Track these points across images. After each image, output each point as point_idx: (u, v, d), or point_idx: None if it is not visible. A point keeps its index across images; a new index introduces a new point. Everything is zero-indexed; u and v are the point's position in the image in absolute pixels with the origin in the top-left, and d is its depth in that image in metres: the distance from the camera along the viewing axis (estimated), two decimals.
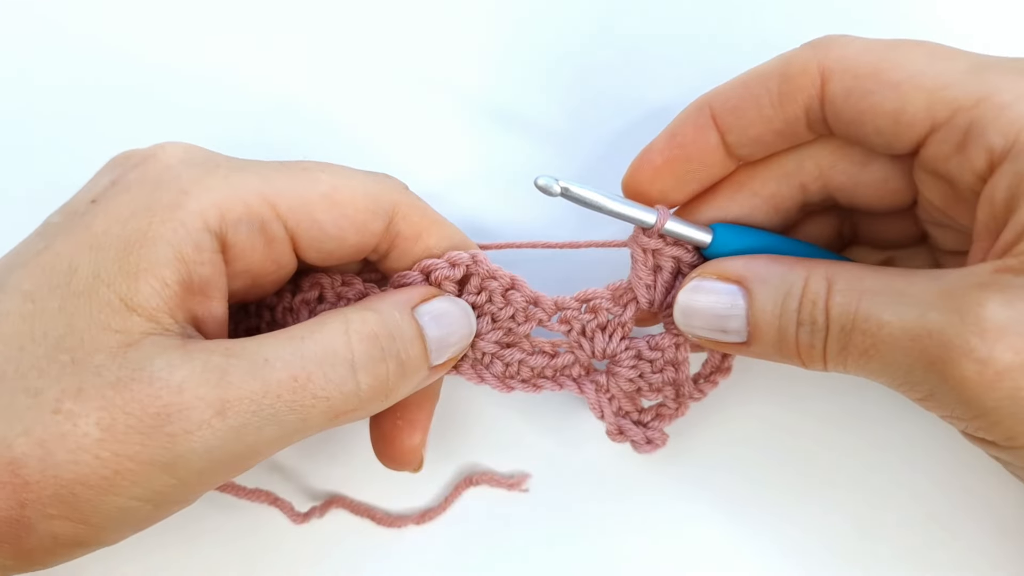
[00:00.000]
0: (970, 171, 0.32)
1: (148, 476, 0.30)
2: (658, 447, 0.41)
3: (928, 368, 0.30)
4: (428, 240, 0.38)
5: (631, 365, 0.39)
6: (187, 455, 0.30)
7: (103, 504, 0.30)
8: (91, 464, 0.29)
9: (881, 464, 0.44)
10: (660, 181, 0.37)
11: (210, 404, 0.30)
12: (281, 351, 0.32)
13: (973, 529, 0.43)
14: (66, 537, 0.31)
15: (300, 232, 0.35)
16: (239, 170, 0.34)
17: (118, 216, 0.32)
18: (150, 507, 0.31)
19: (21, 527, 0.30)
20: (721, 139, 0.36)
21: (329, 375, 0.32)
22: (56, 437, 0.29)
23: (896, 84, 0.32)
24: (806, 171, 0.37)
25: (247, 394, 0.31)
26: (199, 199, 0.33)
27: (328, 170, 0.36)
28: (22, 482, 0.29)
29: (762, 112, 0.35)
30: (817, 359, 0.34)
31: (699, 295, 0.36)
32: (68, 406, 0.29)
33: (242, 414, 0.31)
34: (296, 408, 0.32)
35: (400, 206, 0.37)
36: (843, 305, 0.32)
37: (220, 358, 0.31)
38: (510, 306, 0.39)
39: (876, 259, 0.40)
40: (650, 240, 0.37)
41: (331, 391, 0.32)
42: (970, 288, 0.30)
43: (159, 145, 0.35)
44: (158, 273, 0.31)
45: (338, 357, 0.33)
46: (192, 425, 0.30)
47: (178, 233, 0.32)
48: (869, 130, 0.34)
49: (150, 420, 0.30)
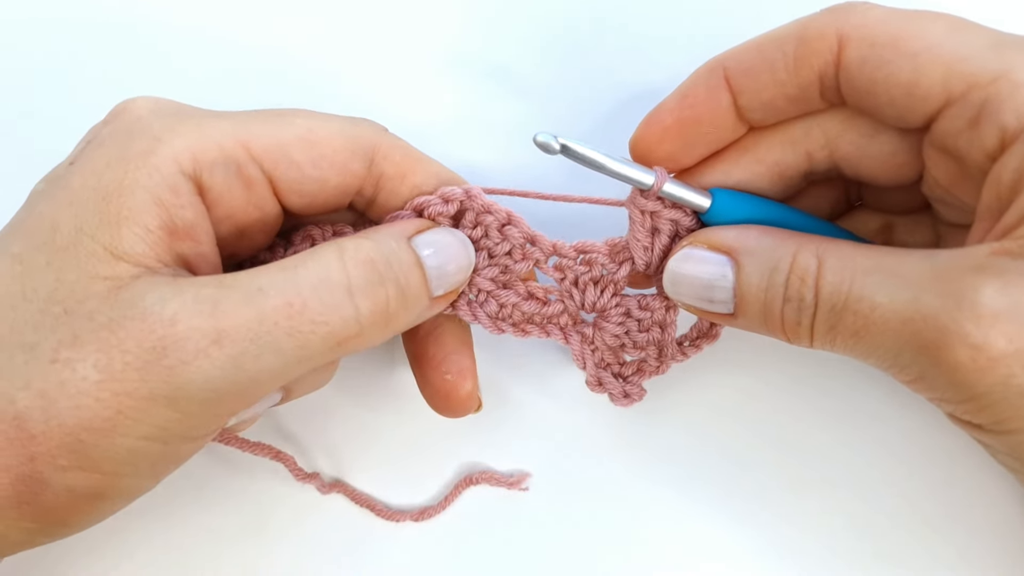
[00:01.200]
0: (980, 149, 0.32)
1: (150, 412, 0.30)
2: (634, 401, 0.41)
3: (920, 351, 0.30)
4: (414, 178, 0.37)
5: (619, 322, 0.40)
6: (186, 386, 0.30)
7: (111, 447, 0.30)
8: (92, 407, 0.30)
9: (876, 458, 0.44)
10: (668, 142, 0.37)
11: (205, 334, 0.30)
12: (275, 279, 0.32)
13: (965, 523, 0.43)
14: (83, 489, 0.31)
15: (278, 174, 0.35)
16: (212, 117, 0.34)
17: (93, 169, 0.32)
18: (158, 445, 0.31)
19: (35, 483, 0.30)
20: (733, 102, 0.36)
21: (326, 300, 0.32)
22: (56, 385, 0.29)
23: (913, 55, 0.31)
24: (813, 139, 0.37)
25: (242, 322, 0.31)
26: (171, 144, 0.32)
27: (303, 114, 0.36)
28: (28, 435, 0.29)
29: (776, 76, 0.34)
30: (803, 336, 0.34)
31: (688, 263, 0.36)
32: (65, 354, 0.30)
33: (239, 342, 0.30)
34: (294, 334, 0.31)
35: (381, 147, 0.37)
36: (834, 284, 0.32)
37: (212, 290, 0.31)
38: (507, 241, 0.38)
39: (876, 223, 0.40)
40: (648, 202, 0.37)
41: (329, 316, 0.32)
42: (966, 271, 0.29)
43: (129, 100, 0.35)
44: (139, 219, 0.31)
45: (334, 282, 0.32)
46: (188, 355, 0.30)
47: (153, 178, 0.32)
48: (882, 101, 0.33)
49: (146, 355, 0.30)
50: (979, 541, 0.43)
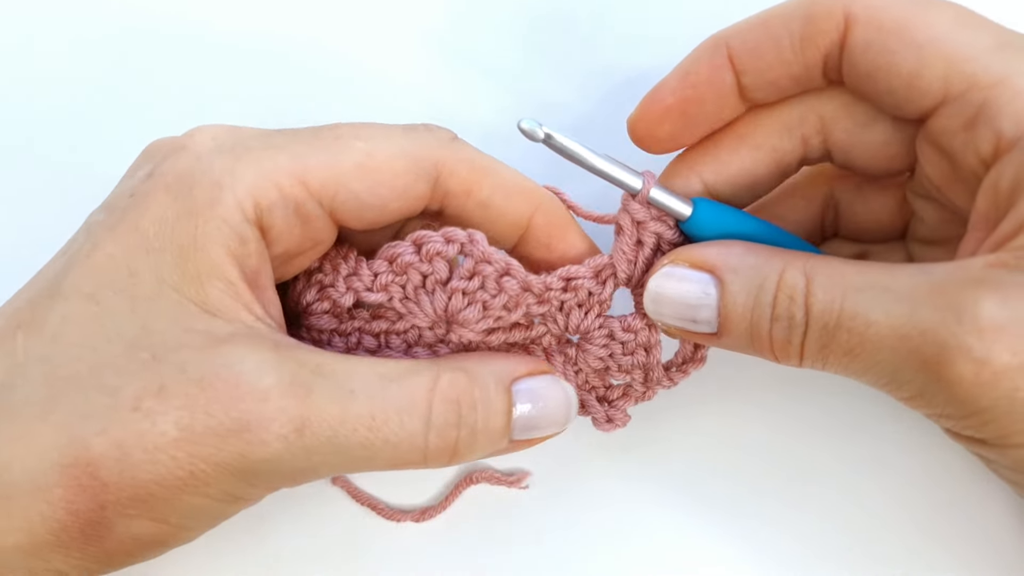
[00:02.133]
0: (974, 153, 0.31)
1: (220, 479, 0.30)
2: (618, 427, 0.40)
3: (919, 367, 0.29)
4: (480, 194, 0.36)
5: (602, 344, 0.38)
6: (258, 465, 0.30)
7: (180, 504, 0.30)
8: (167, 464, 0.29)
9: (871, 469, 0.44)
10: (670, 122, 0.36)
11: (291, 419, 0.30)
12: (368, 387, 0.32)
13: (966, 539, 0.43)
14: (146, 537, 0.31)
15: (337, 205, 0.34)
16: (268, 148, 0.33)
17: (162, 216, 0.32)
18: (223, 505, 0.32)
19: (102, 528, 0.30)
20: (736, 80, 0.35)
21: (405, 425, 0.32)
22: (134, 436, 0.29)
23: (918, 46, 0.31)
24: (809, 124, 0.36)
25: (327, 418, 0.31)
26: (233, 190, 0.32)
27: (363, 134, 0.34)
28: (101, 484, 0.29)
29: (782, 55, 0.34)
30: (793, 355, 0.33)
31: (669, 282, 0.35)
32: (148, 404, 0.29)
33: (318, 436, 0.31)
34: (366, 445, 0.32)
35: (446, 162, 0.35)
36: (825, 302, 0.31)
37: (309, 375, 0.31)
38: (504, 294, 0.36)
39: (850, 251, 0.40)
40: (639, 209, 0.36)
41: (401, 441, 0.32)
42: (964, 284, 0.29)
43: (188, 133, 0.34)
44: (219, 274, 0.31)
45: (417, 411, 0.33)
46: (270, 437, 0.30)
47: (223, 231, 0.32)
48: (882, 87, 0.33)
49: (230, 424, 0.30)
50: (980, 555, 0.42)
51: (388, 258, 0.36)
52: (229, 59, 0.47)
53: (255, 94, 0.46)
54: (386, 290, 0.36)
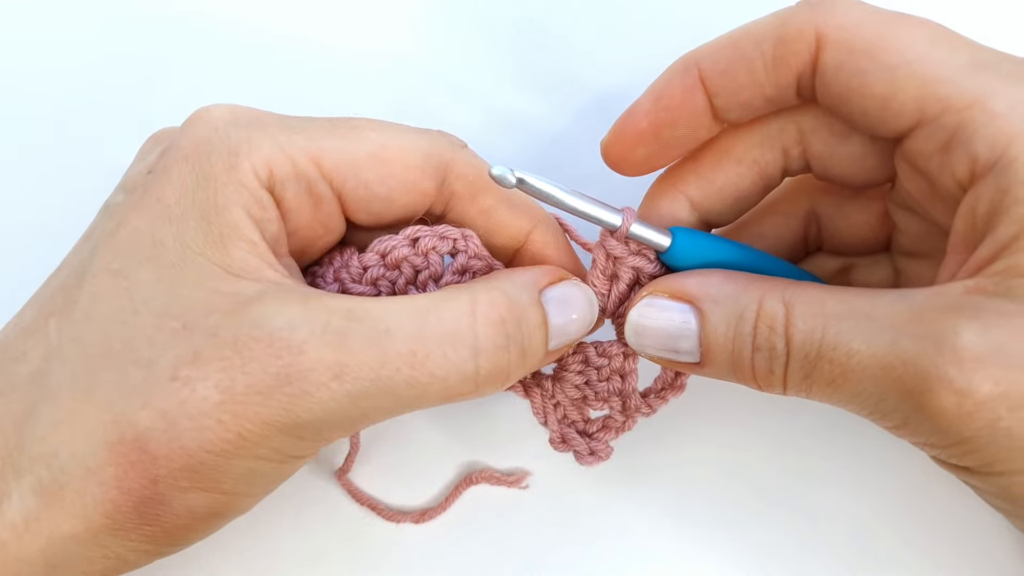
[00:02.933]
0: (950, 175, 0.31)
1: (268, 437, 0.30)
2: (602, 460, 0.39)
3: (902, 398, 0.29)
4: (484, 201, 0.36)
5: (578, 371, 0.38)
6: (304, 415, 0.30)
7: (231, 468, 0.30)
8: (214, 429, 0.29)
9: (872, 476, 0.44)
10: (644, 146, 0.36)
11: (329, 367, 0.29)
12: (404, 323, 0.31)
13: (965, 560, 0.43)
14: (202, 509, 0.31)
15: (347, 191, 0.34)
16: (286, 128, 0.33)
17: (182, 185, 0.32)
18: (274, 465, 0.31)
19: (158, 504, 0.29)
20: (708, 102, 0.34)
21: (449, 355, 0.31)
22: (176, 405, 0.29)
23: (891, 68, 0.30)
24: (788, 135, 0.36)
25: (366, 361, 0.30)
26: (250, 157, 0.32)
27: (378, 128, 0.35)
28: (150, 458, 0.29)
29: (754, 76, 0.33)
30: (776, 385, 0.32)
31: (650, 313, 0.34)
32: (185, 372, 0.29)
33: (360, 381, 0.30)
34: (413, 383, 0.31)
35: (455, 164, 0.35)
36: (805, 332, 0.31)
37: (341, 321, 0.30)
38: None
39: (835, 265, 0.39)
40: (616, 245, 0.36)
41: (449, 372, 0.31)
42: (943, 312, 0.29)
43: (204, 108, 0.34)
44: (243, 236, 0.31)
45: (461, 339, 0.31)
46: (311, 387, 0.29)
47: (242, 195, 0.32)
48: (855, 109, 0.32)
49: (270, 380, 0.29)
50: (984, 561, 0.43)
51: (380, 252, 0.36)
52: (226, 56, 0.47)
53: (253, 92, 0.47)
54: (374, 284, 0.36)
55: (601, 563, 0.44)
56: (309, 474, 0.45)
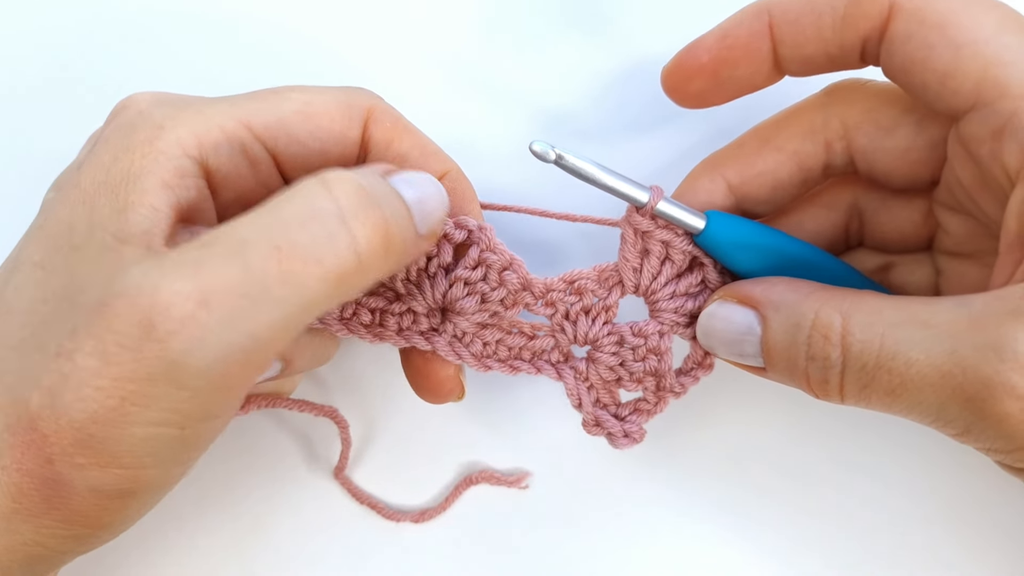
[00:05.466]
0: (1000, 165, 0.30)
1: (155, 394, 0.28)
2: (636, 442, 0.39)
3: (963, 405, 0.29)
4: (400, 146, 0.36)
5: (612, 352, 0.38)
6: (183, 357, 0.27)
7: (125, 439, 0.28)
8: (96, 397, 0.28)
9: (878, 472, 0.44)
10: (701, 80, 0.36)
11: (189, 296, 0.27)
12: (256, 224, 0.29)
13: (970, 536, 0.43)
14: (108, 487, 0.29)
15: (280, 149, 0.34)
16: (210, 102, 0.34)
17: (100, 164, 0.31)
18: (175, 430, 0.29)
19: (59, 486, 0.29)
20: (773, 49, 0.34)
21: (316, 233, 0.29)
22: (60, 379, 0.28)
23: (957, 45, 0.30)
24: (832, 129, 0.36)
25: (229, 277, 0.28)
26: (174, 131, 0.32)
27: (297, 88, 0.35)
28: (42, 436, 0.28)
29: (822, 32, 0.33)
30: (832, 394, 0.32)
31: (716, 317, 0.36)
32: (67, 346, 0.28)
33: (229, 299, 0.27)
34: (288, 280, 0.28)
35: (374, 111, 0.36)
36: (864, 342, 0.30)
37: (193, 251, 0.28)
38: (503, 287, 0.37)
39: (875, 262, 0.39)
40: (642, 220, 0.36)
41: (322, 251, 0.29)
42: (1003, 317, 0.28)
43: (128, 97, 0.34)
44: (146, 201, 0.30)
45: (323, 212, 0.29)
46: (176, 323, 0.27)
47: (159, 162, 0.31)
48: (916, 81, 0.32)
49: (136, 332, 0.27)
50: (985, 550, 0.43)
51: None
52: (222, 53, 0.46)
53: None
54: None
55: (601, 563, 0.44)
56: (309, 473, 0.45)
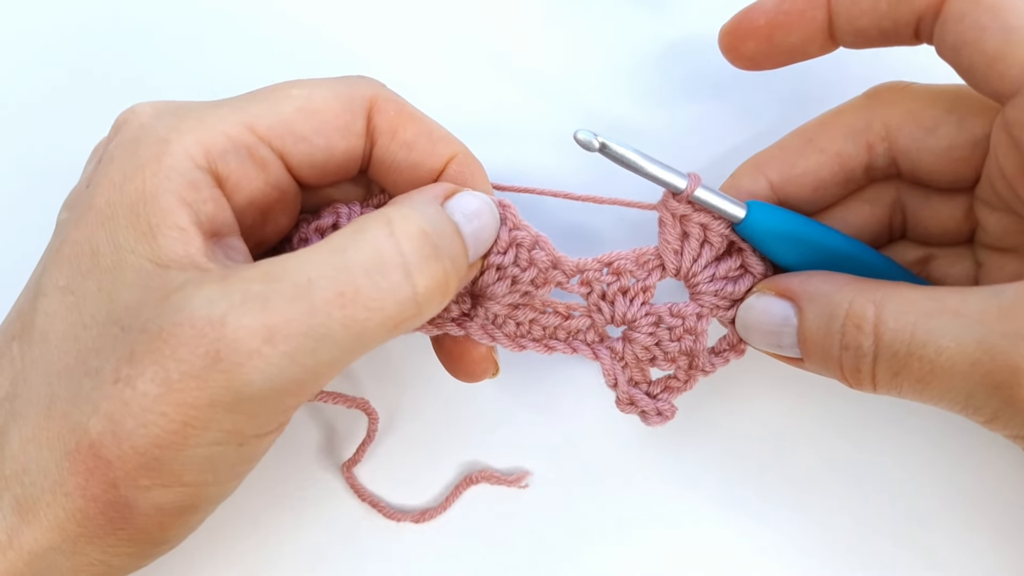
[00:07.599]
0: None
1: (216, 418, 0.29)
2: (667, 419, 0.40)
3: (991, 392, 0.29)
4: (404, 135, 0.36)
5: (649, 332, 0.39)
6: (245, 388, 0.29)
7: (188, 459, 0.30)
8: (159, 423, 0.29)
9: (887, 465, 0.44)
10: (754, 42, 0.37)
11: (255, 332, 0.29)
12: (323, 268, 0.30)
13: (976, 529, 0.43)
14: (171, 505, 0.30)
15: (287, 149, 0.34)
16: (211, 108, 0.34)
17: (112, 185, 0.32)
18: (233, 448, 0.30)
19: (124, 508, 0.30)
20: (828, 20, 0.35)
21: (380, 284, 0.30)
22: (121, 406, 0.29)
23: (1008, 29, 0.31)
24: (874, 130, 0.37)
25: (294, 316, 0.29)
26: (180, 142, 0.32)
27: (299, 84, 0.35)
28: (105, 463, 0.29)
29: (877, 5, 0.34)
30: (865, 382, 0.33)
31: (755, 310, 0.36)
32: (125, 372, 0.29)
33: (292, 338, 0.29)
34: (349, 324, 0.30)
35: (377, 100, 0.36)
36: (895, 330, 0.31)
37: (260, 285, 0.29)
38: (533, 267, 0.37)
39: (916, 254, 0.39)
40: (679, 205, 0.36)
41: (384, 300, 0.30)
42: None
43: (127, 109, 0.34)
44: (171, 223, 0.31)
45: (388, 263, 0.30)
46: (242, 357, 0.29)
47: (172, 179, 0.31)
48: (964, 61, 0.32)
49: (201, 362, 0.29)
50: (989, 545, 0.43)
51: None
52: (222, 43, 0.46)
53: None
54: None
55: (601, 563, 0.44)
56: (309, 473, 0.45)
